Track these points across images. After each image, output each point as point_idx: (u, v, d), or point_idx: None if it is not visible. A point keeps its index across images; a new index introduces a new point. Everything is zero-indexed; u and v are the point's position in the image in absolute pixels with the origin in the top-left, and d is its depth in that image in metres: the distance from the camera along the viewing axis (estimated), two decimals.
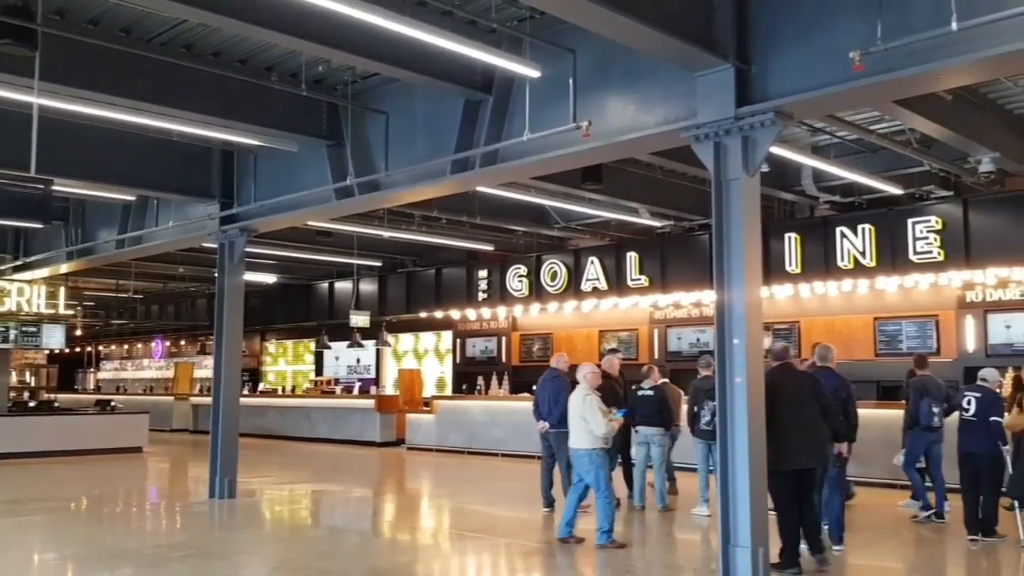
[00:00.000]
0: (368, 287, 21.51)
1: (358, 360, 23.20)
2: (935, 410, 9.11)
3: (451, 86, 8.44)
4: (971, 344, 13.59)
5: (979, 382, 8.45)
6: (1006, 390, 10.00)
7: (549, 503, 9.85)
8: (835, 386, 7.81)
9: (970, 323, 13.70)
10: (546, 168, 9.31)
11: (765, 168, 11.24)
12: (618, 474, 10.12)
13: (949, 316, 13.88)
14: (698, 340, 16.20)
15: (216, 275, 11.94)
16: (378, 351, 22.19)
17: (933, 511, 9.22)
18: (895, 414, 10.49)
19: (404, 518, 10.97)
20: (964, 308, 13.80)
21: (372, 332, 20.17)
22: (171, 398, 25.87)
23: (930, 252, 12.31)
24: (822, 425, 7.15)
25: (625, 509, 10.01)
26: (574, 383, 8.50)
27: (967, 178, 12.26)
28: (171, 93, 8.82)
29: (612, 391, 10.39)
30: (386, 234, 15.68)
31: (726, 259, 6.79)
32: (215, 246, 11.96)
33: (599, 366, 9.10)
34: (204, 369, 27.16)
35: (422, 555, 8.44)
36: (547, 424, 9.72)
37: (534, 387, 10.52)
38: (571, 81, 7.54)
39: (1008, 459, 8.29)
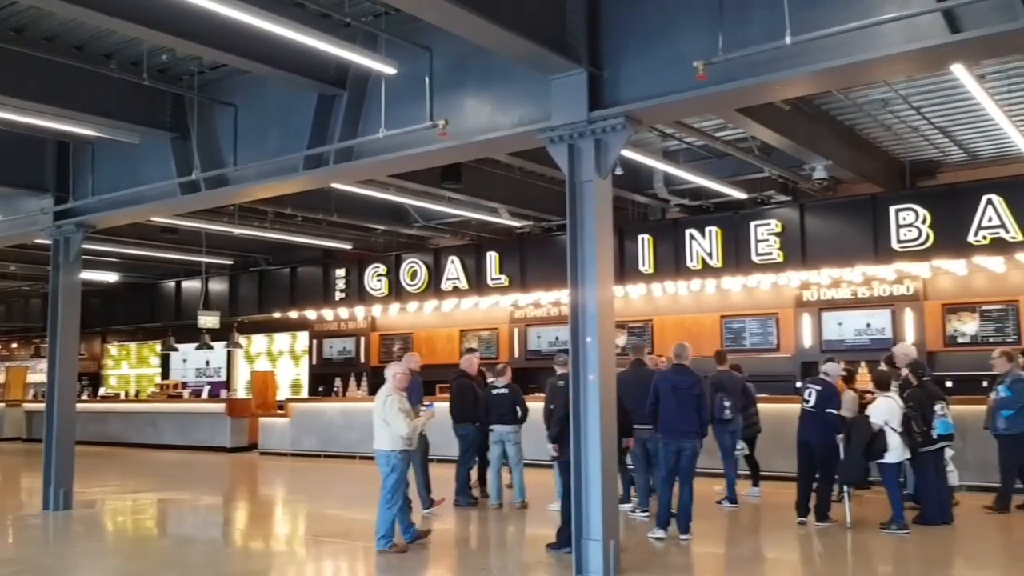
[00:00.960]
0: (218, 286, 20.68)
1: (207, 362, 22.29)
2: (726, 404, 9.70)
3: (304, 80, 8.23)
4: (808, 340, 14.46)
5: (821, 375, 9.01)
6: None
7: (430, 503, 9.80)
8: (689, 383, 8.14)
9: (807, 320, 14.57)
10: (403, 166, 9.23)
11: (619, 171, 11.65)
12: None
13: (788, 314, 14.71)
14: (557, 339, 16.46)
15: (50, 273, 11.16)
16: (229, 353, 21.41)
17: (726, 496, 9.89)
18: None
19: (257, 525, 10.61)
20: (801, 306, 14.66)
21: (222, 333, 19.43)
22: (2, 404, 24.05)
23: (771, 254, 13.00)
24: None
25: (485, 508, 10.12)
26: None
27: (803, 184, 13.05)
28: None
29: (471, 390, 10.48)
30: (237, 231, 15.13)
31: (580, 259, 6.93)
32: (49, 242, 11.19)
33: (410, 371, 9.28)
34: (38, 373, 25.35)
35: (276, 562, 8.19)
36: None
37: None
38: (428, 79, 7.51)
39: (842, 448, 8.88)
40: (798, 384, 11.89)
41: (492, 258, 15.82)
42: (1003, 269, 12.45)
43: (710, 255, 13.51)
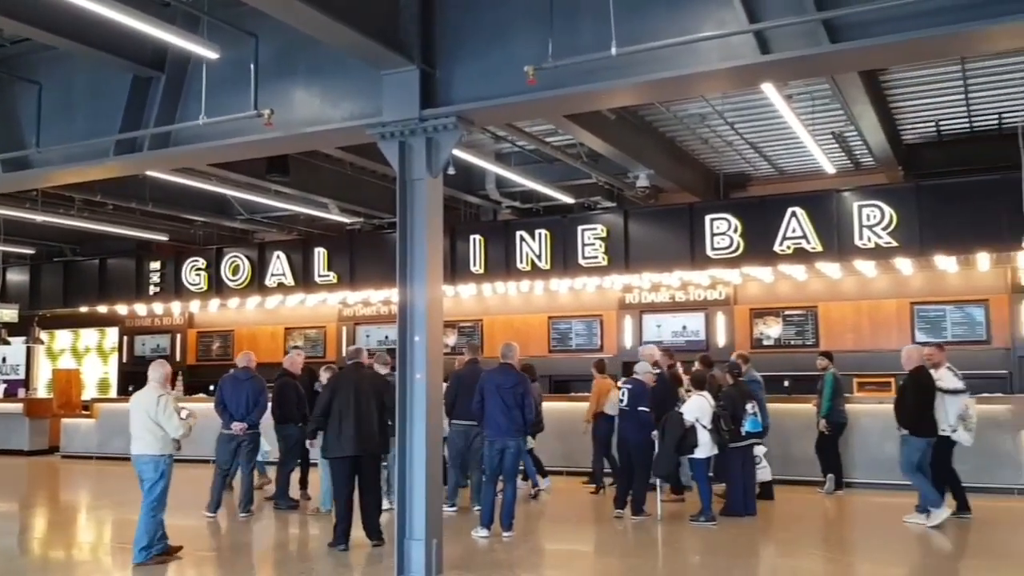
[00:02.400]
0: (17, 277, 18.99)
1: (3, 359, 20.45)
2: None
3: (117, 59, 7.70)
4: (629, 341, 15.06)
5: (634, 375, 9.37)
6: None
7: (217, 508, 9.39)
8: (513, 382, 8.23)
9: (628, 322, 15.18)
10: (225, 155, 8.84)
11: (451, 171, 11.63)
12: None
13: (612, 315, 15.26)
14: (387, 338, 16.29)
15: None
16: (29, 349, 19.72)
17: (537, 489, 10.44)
18: (568, 407, 11.49)
19: (58, 533, 9.82)
20: (624, 309, 15.25)
21: (22, 328, 17.88)
22: None
23: (596, 257, 13.40)
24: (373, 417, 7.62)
25: (306, 511, 9.88)
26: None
27: (628, 191, 13.56)
28: None
29: (294, 389, 10.16)
30: (39, 218, 13.94)
31: (409, 257, 6.87)
32: None
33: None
34: None
35: (78, 572, 7.64)
36: (245, 425, 9.34)
37: (212, 387, 9.94)
38: (253, 67, 7.22)
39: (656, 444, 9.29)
40: (619, 383, 12.34)
41: (320, 254, 15.42)
42: (805, 277, 13.47)
43: (539, 257, 13.77)
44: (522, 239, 13.88)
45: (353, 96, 7.27)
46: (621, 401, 9.17)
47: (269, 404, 9.83)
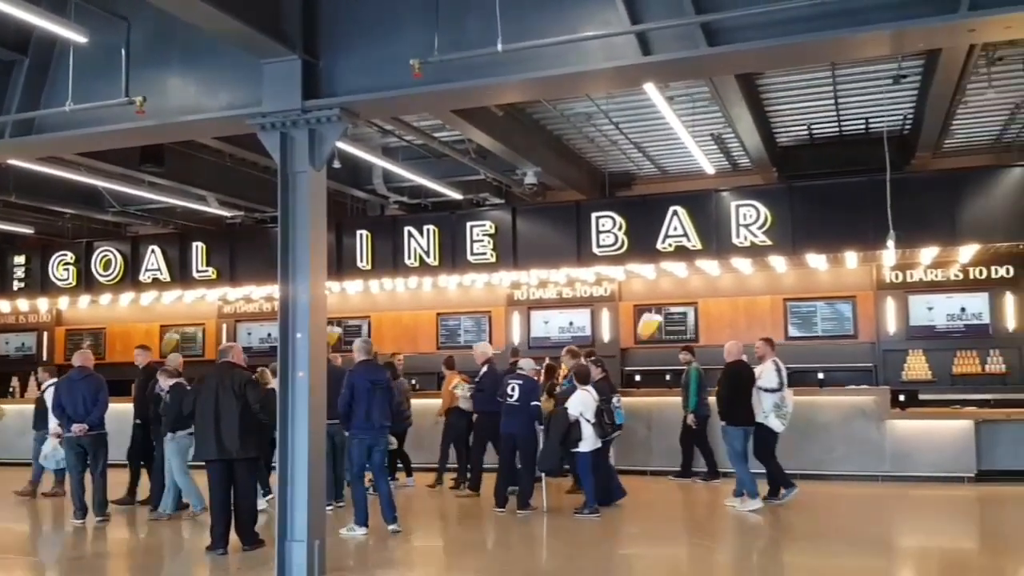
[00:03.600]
0: None
1: None
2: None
3: None
4: (517, 337, 15.16)
5: (518, 371, 9.48)
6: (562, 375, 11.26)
7: (84, 512, 8.94)
8: (385, 378, 8.30)
9: (517, 318, 15.28)
10: (94, 144, 8.41)
11: (337, 164, 11.48)
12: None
13: (500, 312, 15.33)
14: (270, 335, 15.89)
15: None
16: None
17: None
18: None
19: None
20: (512, 305, 15.35)
21: None
22: None
23: (485, 254, 13.41)
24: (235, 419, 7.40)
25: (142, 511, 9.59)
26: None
27: (516, 188, 13.63)
28: None
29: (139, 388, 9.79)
30: None
31: (291, 252, 6.70)
32: None
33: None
34: None
35: None
36: (85, 426, 8.83)
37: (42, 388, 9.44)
38: (124, 52, 6.89)
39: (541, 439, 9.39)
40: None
41: (198, 249, 14.84)
42: (685, 274, 13.88)
43: (427, 253, 13.67)
44: (410, 235, 13.74)
45: (232, 85, 7.02)
46: (510, 397, 9.23)
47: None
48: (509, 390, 9.27)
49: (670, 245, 12.34)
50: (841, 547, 7.65)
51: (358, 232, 14.02)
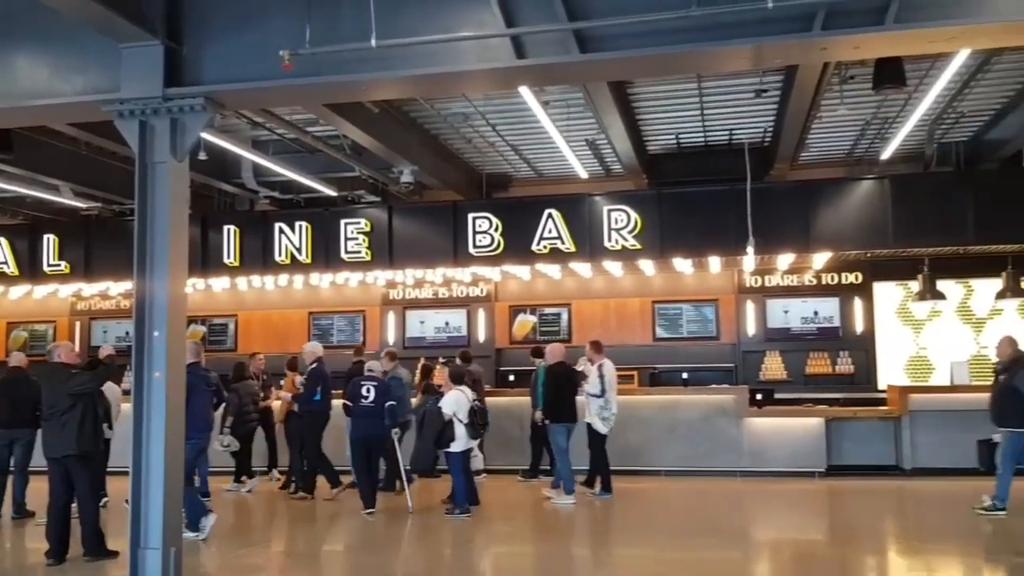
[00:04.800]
0: None
1: None
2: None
3: None
4: (392, 337, 15.03)
5: (367, 373, 9.56)
6: (418, 377, 11.24)
7: None
8: (212, 380, 8.43)
9: (392, 318, 15.14)
10: None
11: (203, 156, 11.04)
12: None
13: (375, 311, 15.17)
14: (127, 334, 15.09)
15: None
16: None
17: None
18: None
19: None
20: (387, 305, 15.21)
21: None
22: None
23: (359, 252, 13.20)
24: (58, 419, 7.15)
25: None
26: None
27: (392, 187, 13.48)
28: None
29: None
30: None
31: (149, 246, 6.39)
32: None
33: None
34: None
35: None
36: None
37: None
38: None
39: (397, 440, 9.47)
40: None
41: (50, 241, 13.96)
42: (559, 276, 14.10)
43: (299, 250, 13.34)
44: (281, 231, 13.38)
45: (87, 69, 6.64)
46: (365, 398, 9.17)
47: None
48: (363, 391, 9.22)
49: (545, 247, 12.49)
50: (702, 540, 7.94)
51: (225, 227, 13.54)
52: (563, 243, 12.42)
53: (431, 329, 15.15)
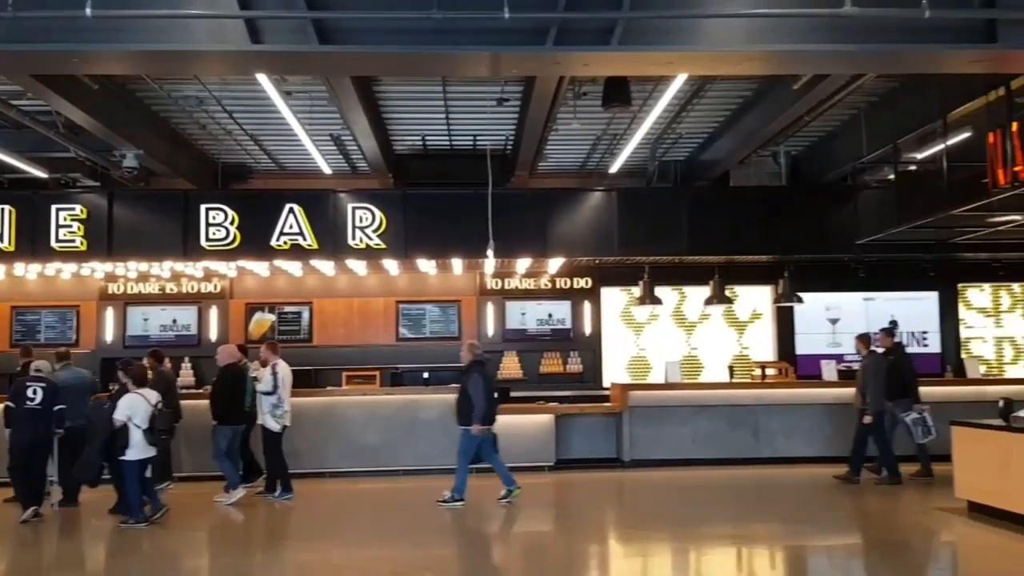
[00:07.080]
0: None
1: None
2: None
3: None
4: (110, 335, 13.84)
5: (34, 373, 8.94)
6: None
7: None
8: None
9: (110, 314, 13.95)
10: None
11: None
12: None
13: (91, 307, 13.92)
14: None
15: None
16: None
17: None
18: None
19: None
20: (106, 299, 14.00)
21: None
22: None
23: (73, 241, 11.99)
24: None
25: None
26: None
27: (114, 171, 12.39)
28: None
29: None
30: None
31: None
32: None
33: None
34: None
35: None
36: None
37: None
38: None
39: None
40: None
41: None
42: (301, 273, 13.70)
43: (1, 237, 11.90)
44: None
45: None
46: (31, 400, 8.63)
47: None
48: (30, 393, 8.67)
49: (285, 243, 12.09)
50: (430, 537, 8.01)
51: None
52: (305, 239, 12.08)
53: (156, 327, 14.16)
